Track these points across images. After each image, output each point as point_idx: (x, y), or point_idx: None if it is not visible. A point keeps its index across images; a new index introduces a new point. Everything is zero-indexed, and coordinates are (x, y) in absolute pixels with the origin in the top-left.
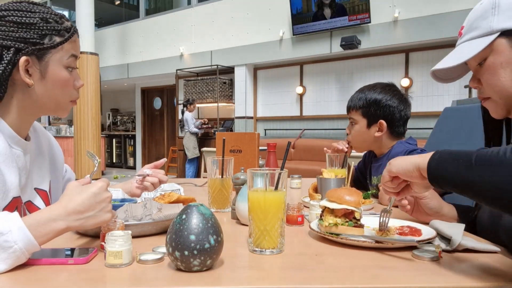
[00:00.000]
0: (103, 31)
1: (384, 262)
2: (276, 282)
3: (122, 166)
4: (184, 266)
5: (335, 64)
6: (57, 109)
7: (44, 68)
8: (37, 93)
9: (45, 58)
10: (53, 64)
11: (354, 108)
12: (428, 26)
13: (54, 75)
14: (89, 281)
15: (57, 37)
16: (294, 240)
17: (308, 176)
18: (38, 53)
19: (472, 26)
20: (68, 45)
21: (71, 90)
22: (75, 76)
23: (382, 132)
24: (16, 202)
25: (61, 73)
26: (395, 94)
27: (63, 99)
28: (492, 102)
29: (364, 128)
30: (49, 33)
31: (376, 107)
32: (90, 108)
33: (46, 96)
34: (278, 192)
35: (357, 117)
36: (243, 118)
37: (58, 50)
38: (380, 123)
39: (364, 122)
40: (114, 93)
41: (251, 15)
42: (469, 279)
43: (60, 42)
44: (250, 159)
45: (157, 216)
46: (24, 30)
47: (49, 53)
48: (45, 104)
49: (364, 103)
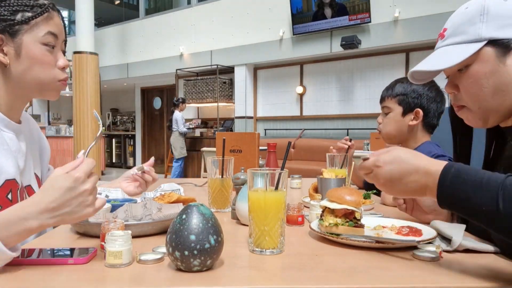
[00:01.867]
0: (103, 31)
1: (384, 262)
2: (276, 282)
3: (122, 166)
4: (184, 266)
5: (335, 64)
6: (42, 90)
7: (18, 45)
8: (15, 73)
9: (18, 35)
10: (27, 41)
11: (390, 96)
12: (428, 26)
13: (29, 52)
14: (89, 281)
15: (29, 13)
16: (294, 240)
17: (308, 176)
18: (11, 30)
19: (458, 30)
20: (43, 22)
21: (53, 69)
22: (57, 55)
23: (418, 121)
24: (10, 185)
25: (36, 49)
26: (433, 85)
27: (46, 79)
28: (469, 111)
29: (399, 116)
30: (20, 10)
31: (414, 95)
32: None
33: (26, 75)
34: (278, 192)
35: (392, 105)
36: (243, 118)
37: (32, 27)
38: (417, 112)
39: (400, 110)
40: (114, 93)
41: (251, 15)
42: (469, 279)
43: (32, 16)
44: (250, 159)
45: (157, 216)
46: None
47: (22, 30)
48: (27, 85)
49: (402, 91)
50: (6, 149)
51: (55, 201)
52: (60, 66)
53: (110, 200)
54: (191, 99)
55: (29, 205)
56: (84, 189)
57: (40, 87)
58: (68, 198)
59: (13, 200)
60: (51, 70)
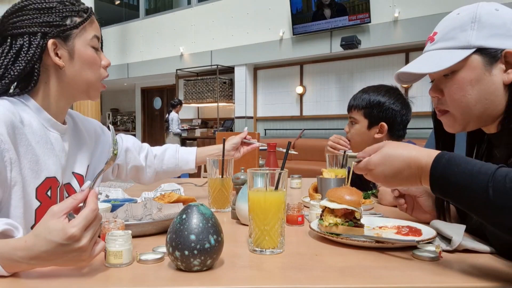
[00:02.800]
0: (103, 31)
1: (384, 262)
2: (276, 282)
3: None
4: (184, 266)
5: (335, 64)
6: (89, 90)
7: (71, 48)
8: (68, 75)
9: (70, 39)
10: (78, 44)
11: (356, 108)
12: (428, 26)
13: (82, 53)
14: (89, 281)
15: (77, 18)
16: (294, 240)
17: (308, 176)
18: (63, 35)
19: (448, 35)
20: (88, 25)
21: (99, 69)
22: (101, 55)
23: (382, 135)
24: (50, 182)
25: (88, 51)
26: (398, 98)
27: (94, 78)
28: (451, 117)
29: (364, 129)
30: (69, 15)
31: (379, 109)
32: (90, 108)
33: (77, 76)
34: (278, 192)
35: (358, 117)
36: (243, 118)
37: (81, 30)
38: (381, 126)
39: (365, 122)
40: (114, 93)
41: (251, 15)
42: (469, 279)
43: (81, 21)
44: (250, 159)
45: (157, 216)
46: (46, 14)
47: (73, 34)
48: (77, 85)
49: (367, 104)
50: (49, 148)
51: (47, 252)
52: (104, 65)
53: (110, 200)
54: (191, 99)
55: (22, 248)
56: (78, 247)
57: (87, 88)
58: (59, 253)
59: (52, 197)
60: (98, 70)
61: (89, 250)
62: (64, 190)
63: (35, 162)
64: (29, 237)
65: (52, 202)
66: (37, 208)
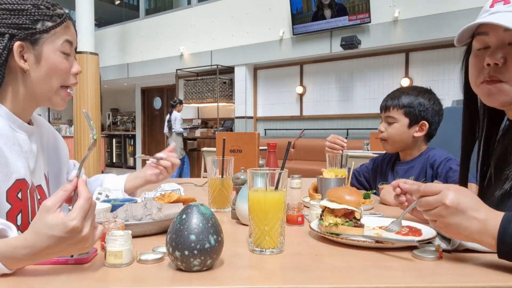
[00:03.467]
0: (103, 31)
1: (384, 262)
2: (276, 282)
3: (122, 166)
4: (184, 266)
5: (335, 64)
6: (52, 97)
7: (38, 52)
8: (33, 79)
9: (38, 43)
10: (47, 49)
11: (396, 107)
12: (428, 26)
13: (49, 59)
14: (89, 281)
15: (49, 22)
16: (294, 240)
17: (308, 176)
18: (32, 38)
19: None
20: (61, 31)
21: (67, 75)
22: (72, 62)
23: (422, 133)
24: (21, 185)
25: (55, 57)
26: (436, 99)
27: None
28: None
29: (404, 127)
30: (41, 19)
31: (421, 108)
32: (90, 108)
33: (41, 81)
34: (278, 192)
35: (398, 115)
36: (243, 118)
37: (51, 35)
38: (423, 124)
39: (406, 121)
40: (114, 93)
41: (251, 15)
42: (469, 279)
43: (52, 26)
44: (250, 159)
45: (157, 216)
46: (17, 16)
47: (43, 38)
48: (41, 91)
49: (409, 103)
50: (17, 150)
51: (50, 247)
52: (74, 72)
53: (110, 200)
54: (191, 99)
55: (23, 247)
56: (81, 237)
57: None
58: (63, 246)
59: (23, 199)
60: (65, 76)
61: (91, 237)
62: (35, 191)
63: (4, 165)
64: (29, 234)
65: (22, 205)
66: (8, 211)
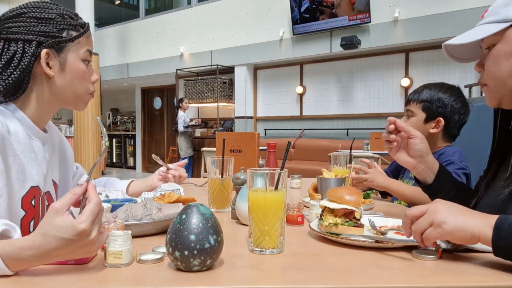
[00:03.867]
0: (103, 31)
1: (384, 262)
2: (276, 282)
3: (122, 166)
4: (184, 266)
5: (335, 64)
6: (77, 101)
7: (63, 60)
8: (57, 85)
9: (64, 51)
10: (71, 57)
11: (416, 100)
12: (428, 26)
13: (73, 67)
14: (89, 281)
15: (73, 32)
16: (294, 240)
17: (308, 176)
18: (57, 46)
19: (493, 11)
20: (83, 40)
21: (89, 83)
22: (91, 70)
23: (438, 130)
24: (34, 192)
25: (79, 65)
26: (459, 97)
27: (82, 91)
28: (487, 89)
29: (420, 123)
30: (66, 28)
31: (438, 104)
32: (90, 108)
33: (66, 87)
34: (278, 192)
35: (416, 110)
36: (243, 118)
37: (75, 44)
38: (438, 121)
39: (422, 116)
40: (114, 93)
41: (251, 15)
42: (469, 279)
43: (77, 35)
44: (250, 159)
45: (157, 216)
46: (44, 24)
47: (67, 46)
48: (65, 96)
49: (428, 98)
50: (33, 157)
51: (57, 248)
52: (93, 80)
53: (110, 200)
54: (191, 99)
55: (30, 248)
56: (89, 240)
57: (75, 99)
58: (70, 248)
59: (35, 206)
60: (87, 83)
61: (98, 242)
62: (45, 198)
63: (21, 172)
64: (36, 236)
65: (35, 211)
66: (23, 218)
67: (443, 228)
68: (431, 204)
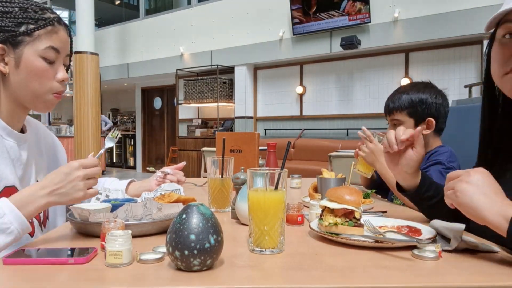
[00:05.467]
0: (103, 31)
1: (384, 262)
2: (276, 282)
3: (122, 166)
4: (184, 266)
5: (335, 64)
6: (35, 101)
7: (18, 56)
8: (13, 82)
9: (19, 46)
10: (27, 53)
11: (399, 109)
12: (428, 26)
13: (28, 63)
14: (89, 281)
15: (33, 26)
16: (294, 240)
17: (308, 176)
18: (13, 41)
19: None
20: (45, 36)
21: (51, 82)
22: (57, 68)
23: (430, 130)
24: (10, 191)
25: (36, 62)
26: (437, 91)
27: (41, 91)
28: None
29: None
30: (25, 22)
31: (424, 106)
32: (90, 108)
33: (21, 86)
34: (278, 192)
35: (402, 117)
36: (243, 118)
37: (34, 39)
38: (429, 121)
39: (411, 122)
40: (114, 93)
41: (251, 15)
42: (469, 279)
43: (33, 28)
44: (250, 159)
45: (157, 216)
46: (0, 19)
47: (24, 42)
48: (22, 95)
49: (410, 103)
50: (5, 157)
51: (53, 181)
52: (59, 79)
53: (110, 200)
54: (191, 99)
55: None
56: (77, 175)
57: (33, 99)
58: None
59: None
60: (47, 82)
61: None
62: None
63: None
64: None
65: None
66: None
67: (458, 197)
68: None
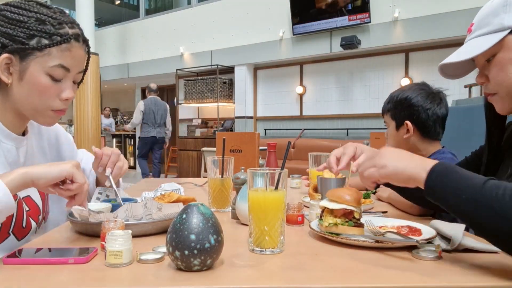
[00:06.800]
0: (103, 31)
1: (384, 262)
2: (276, 282)
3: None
4: (184, 266)
5: (335, 64)
6: (36, 116)
7: (23, 69)
8: (14, 94)
9: (27, 59)
10: (33, 68)
11: (385, 111)
12: (428, 26)
13: (32, 79)
14: (89, 281)
15: (45, 40)
16: (294, 240)
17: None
18: (22, 53)
19: (482, 23)
20: (57, 53)
21: (52, 99)
22: (63, 87)
23: (410, 134)
24: None
25: (39, 78)
26: (421, 92)
27: (41, 107)
28: (499, 98)
29: (394, 131)
30: (38, 35)
31: (401, 107)
32: (90, 108)
33: (22, 99)
34: (278, 192)
35: (388, 120)
36: (243, 118)
37: (44, 55)
38: (406, 124)
39: (393, 124)
40: (114, 93)
41: (251, 15)
42: (469, 279)
43: (46, 45)
44: (250, 159)
45: (157, 215)
46: (12, 27)
47: (33, 55)
48: (22, 108)
49: (392, 105)
50: (2, 161)
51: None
52: (63, 98)
53: (110, 200)
54: (191, 99)
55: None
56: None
57: (33, 113)
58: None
59: None
60: (48, 100)
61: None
62: (23, 203)
63: None
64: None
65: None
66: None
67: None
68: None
